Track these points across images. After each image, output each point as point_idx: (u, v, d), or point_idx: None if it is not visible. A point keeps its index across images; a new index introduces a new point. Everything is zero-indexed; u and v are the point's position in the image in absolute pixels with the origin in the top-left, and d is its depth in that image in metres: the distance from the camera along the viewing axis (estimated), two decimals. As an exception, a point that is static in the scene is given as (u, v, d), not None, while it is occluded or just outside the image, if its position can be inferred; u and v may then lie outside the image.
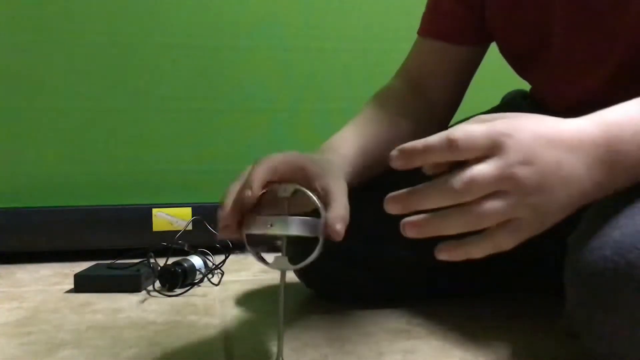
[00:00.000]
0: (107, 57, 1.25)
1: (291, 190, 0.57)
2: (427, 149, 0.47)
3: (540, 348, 0.67)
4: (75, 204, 1.24)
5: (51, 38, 1.22)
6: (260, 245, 0.60)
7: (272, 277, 1.04)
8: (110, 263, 1.02)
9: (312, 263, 0.57)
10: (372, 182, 0.77)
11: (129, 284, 0.94)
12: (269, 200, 0.58)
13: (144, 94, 1.27)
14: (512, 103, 0.92)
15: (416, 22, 0.92)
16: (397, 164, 0.49)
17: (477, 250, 0.48)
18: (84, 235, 1.21)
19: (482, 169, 0.46)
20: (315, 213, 0.57)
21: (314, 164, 0.61)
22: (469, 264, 0.86)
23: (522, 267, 0.89)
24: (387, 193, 0.50)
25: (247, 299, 0.89)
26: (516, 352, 0.66)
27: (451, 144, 0.46)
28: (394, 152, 0.49)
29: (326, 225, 0.55)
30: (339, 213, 0.56)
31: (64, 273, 1.09)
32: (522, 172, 0.46)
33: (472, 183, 0.45)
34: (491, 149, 0.46)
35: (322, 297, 0.88)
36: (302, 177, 0.59)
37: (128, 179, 1.27)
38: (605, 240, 0.48)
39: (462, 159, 0.47)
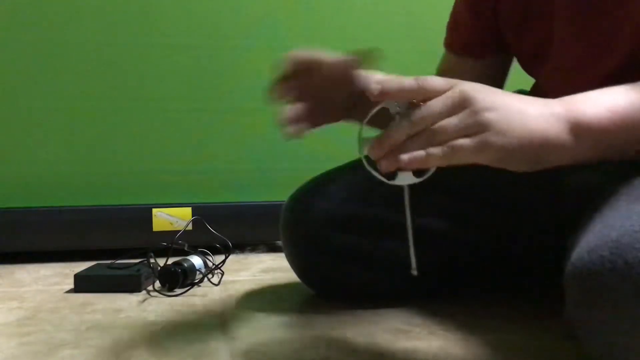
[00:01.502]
0: (107, 57, 1.25)
1: (405, 106, 0.57)
2: (401, 86, 0.55)
3: (540, 348, 0.67)
4: (75, 204, 1.24)
5: (51, 38, 1.22)
6: None
7: (272, 277, 1.04)
8: (110, 263, 1.02)
9: (312, 262, 0.58)
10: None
11: (129, 284, 0.94)
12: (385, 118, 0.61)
13: (143, 93, 1.27)
14: None
15: (416, 22, 0.92)
16: (374, 95, 0.55)
17: (438, 154, 0.52)
18: (84, 235, 1.21)
19: (436, 100, 0.53)
20: None
21: None
22: (470, 264, 0.85)
23: (523, 267, 0.89)
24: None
25: (247, 299, 0.89)
26: (516, 352, 0.66)
27: (420, 82, 0.54)
28: (374, 85, 0.55)
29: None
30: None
31: (64, 273, 1.09)
32: (475, 94, 0.52)
33: (428, 108, 0.53)
34: (451, 85, 0.54)
35: (322, 297, 0.88)
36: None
37: (128, 179, 1.27)
38: (603, 241, 0.48)
39: (431, 94, 0.54)
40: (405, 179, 0.57)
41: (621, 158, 0.57)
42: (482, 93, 0.53)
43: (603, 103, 0.55)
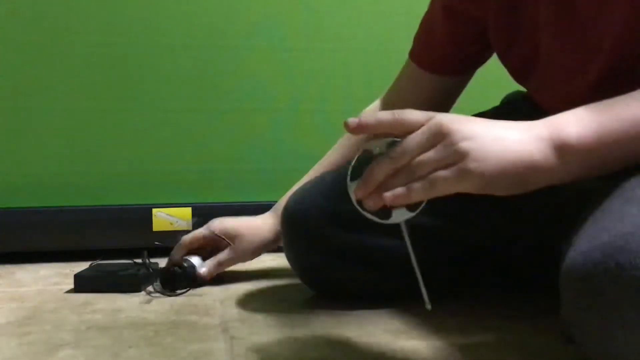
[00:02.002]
0: (106, 57, 1.25)
1: (386, 146, 0.57)
2: (377, 121, 0.56)
3: (540, 348, 0.67)
4: (75, 204, 1.24)
5: (51, 38, 1.22)
6: None
7: (272, 277, 1.04)
8: (110, 263, 1.02)
9: (312, 262, 0.58)
10: None
11: (129, 284, 0.94)
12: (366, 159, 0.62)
13: (143, 94, 1.27)
14: (512, 103, 0.92)
15: (416, 22, 0.92)
16: (350, 129, 0.56)
17: (419, 189, 0.53)
18: (84, 235, 1.21)
19: (413, 135, 0.54)
20: None
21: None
22: (469, 264, 0.86)
23: (522, 267, 0.89)
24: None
25: (247, 299, 0.89)
26: (516, 352, 0.66)
27: (396, 116, 0.55)
28: (351, 120, 0.56)
29: None
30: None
31: (64, 273, 1.09)
32: (452, 125, 0.53)
33: (406, 144, 0.54)
34: (428, 119, 0.54)
35: (322, 297, 0.88)
36: None
37: (128, 179, 1.27)
38: (595, 243, 0.48)
39: (407, 129, 0.55)
40: (400, 215, 0.57)
41: (612, 172, 0.57)
42: (459, 124, 0.54)
43: (589, 121, 0.54)
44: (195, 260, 0.97)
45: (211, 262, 0.96)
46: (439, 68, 0.89)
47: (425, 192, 0.53)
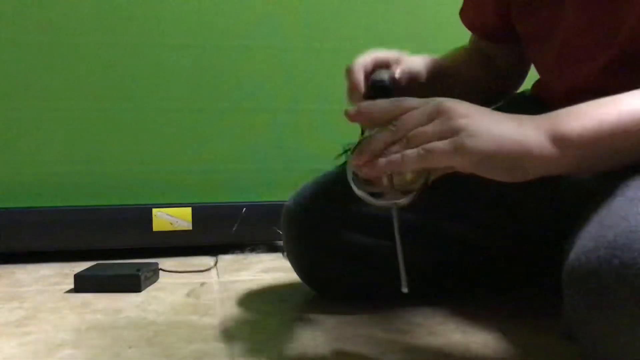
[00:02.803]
0: (106, 57, 1.25)
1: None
2: (377, 108, 0.58)
3: (540, 348, 0.67)
4: (75, 204, 1.23)
5: (51, 38, 1.22)
6: None
7: (272, 277, 1.04)
8: (110, 263, 1.02)
9: (313, 262, 0.58)
10: None
11: (129, 284, 0.94)
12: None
13: (144, 93, 1.27)
14: (514, 99, 0.92)
15: (416, 22, 0.92)
16: (351, 118, 0.58)
17: (413, 156, 0.54)
18: (84, 235, 1.21)
19: (413, 112, 0.56)
20: None
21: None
22: (469, 263, 0.86)
23: (523, 267, 0.89)
24: None
25: (247, 299, 0.89)
26: (516, 352, 0.66)
27: (396, 103, 0.57)
28: (349, 108, 0.58)
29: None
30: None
31: (64, 273, 1.09)
32: (451, 104, 0.55)
33: (404, 118, 0.56)
34: (429, 106, 0.55)
35: (322, 297, 0.88)
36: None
37: (128, 179, 1.27)
38: (599, 241, 0.48)
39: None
40: (392, 198, 0.58)
41: (613, 168, 0.57)
42: (457, 104, 0.55)
43: (591, 115, 0.55)
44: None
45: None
46: (491, 38, 0.90)
47: (419, 160, 0.54)
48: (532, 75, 0.86)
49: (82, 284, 0.95)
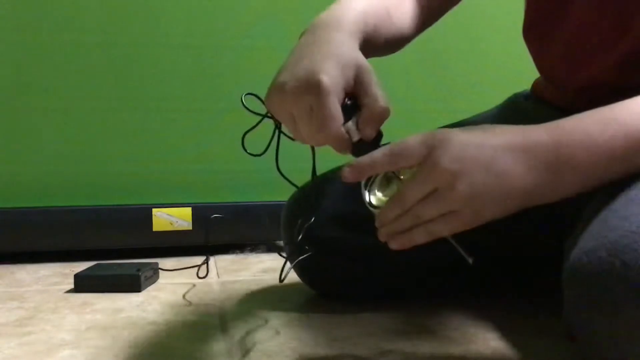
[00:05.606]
0: (106, 57, 1.25)
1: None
2: (373, 164, 0.56)
3: (540, 348, 0.67)
4: (75, 204, 1.23)
5: (51, 38, 1.22)
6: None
7: (272, 277, 1.04)
8: (110, 263, 1.02)
9: (313, 262, 0.58)
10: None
11: (129, 284, 0.94)
12: None
13: (143, 94, 1.27)
14: (515, 102, 0.92)
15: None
16: (349, 179, 0.57)
17: (419, 236, 0.56)
18: (84, 235, 1.21)
19: (412, 184, 0.55)
20: None
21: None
22: (469, 263, 0.85)
23: (523, 267, 0.89)
24: None
25: (247, 299, 0.89)
26: (516, 352, 0.66)
27: (392, 158, 0.55)
28: (345, 169, 0.56)
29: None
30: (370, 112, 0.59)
31: (64, 273, 1.09)
32: (450, 167, 0.53)
33: (405, 193, 0.55)
34: (425, 157, 0.54)
35: (322, 297, 0.88)
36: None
37: (128, 179, 1.27)
38: (601, 242, 0.48)
39: (404, 167, 0.56)
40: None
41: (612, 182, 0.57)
42: (449, 153, 0.53)
43: (596, 142, 0.53)
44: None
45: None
46: None
47: (428, 236, 0.56)
48: (532, 75, 0.86)
49: (82, 284, 0.95)
